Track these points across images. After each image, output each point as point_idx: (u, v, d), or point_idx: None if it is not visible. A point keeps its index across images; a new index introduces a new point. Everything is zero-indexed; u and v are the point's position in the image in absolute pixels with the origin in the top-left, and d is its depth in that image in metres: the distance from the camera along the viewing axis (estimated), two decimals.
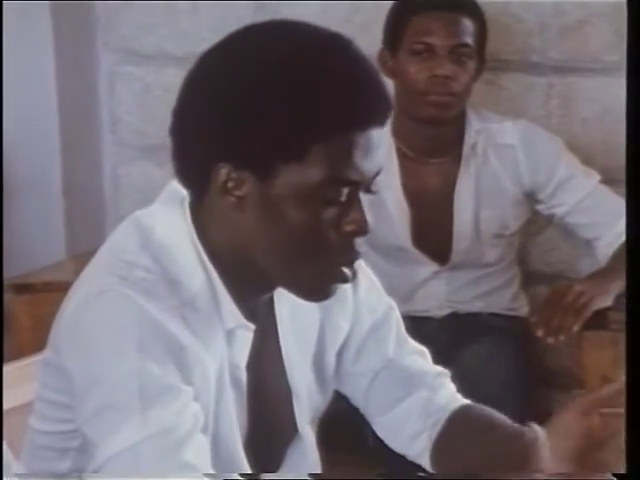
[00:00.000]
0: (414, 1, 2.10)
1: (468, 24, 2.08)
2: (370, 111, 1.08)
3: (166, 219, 1.13)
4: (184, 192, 1.15)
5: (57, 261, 2.46)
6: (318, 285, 1.12)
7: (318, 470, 1.22)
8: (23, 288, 2.18)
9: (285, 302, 1.19)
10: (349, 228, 1.09)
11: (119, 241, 1.14)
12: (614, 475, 1.15)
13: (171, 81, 2.55)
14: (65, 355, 1.10)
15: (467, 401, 1.28)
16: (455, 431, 1.24)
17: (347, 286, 1.20)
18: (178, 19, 2.51)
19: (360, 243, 1.12)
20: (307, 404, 1.21)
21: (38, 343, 1.41)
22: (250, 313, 1.15)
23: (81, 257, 2.46)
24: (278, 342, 1.19)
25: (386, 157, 2.10)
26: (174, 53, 2.53)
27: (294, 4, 2.43)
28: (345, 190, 1.08)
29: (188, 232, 1.12)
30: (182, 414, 1.06)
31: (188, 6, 2.50)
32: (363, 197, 1.10)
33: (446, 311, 2.17)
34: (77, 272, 2.74)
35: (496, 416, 1.23)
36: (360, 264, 1.23)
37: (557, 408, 2.26)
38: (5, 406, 1.24)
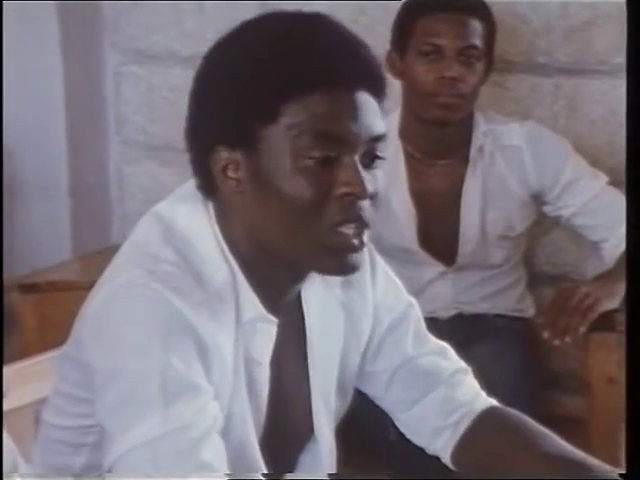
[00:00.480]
0: (423, 2, 2.10)
1: (477, 26, 2.07)
2: (346, 73, 1.08)
3: (187, 213, 1.14)
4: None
5: (63, 261, 2.46)
6: (331, 254, 1.10)
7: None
8: (28, 288, 2.18)
9: (313, 300, 1.19)
10: (343, 190, 1.08)
11: (142, 234, 1.15)
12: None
13: (177, 81, 2.56)
14: (88, 347, 1.10)
15: (494, 402, 1.27)
16: (482, 435, 1.23)
17: (367, 285, 1.21)
18: (184, 19, 2.52)
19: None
20: (326, 405, 1.21)
21: (44, 342, 1.42)
22: (273, 307, 1.14)
23: (87, 257, 2.47)
24: (303, 340, 1.19)
25: (393, 158, 2.09)
26: (180, 53, 2.54)
27: (299, 4, 2.43)
28: (329, 145, 1.08)
29: (211, 228, 1.13)
30: (202, 413, 1.06)
31: (194, 7, 2.51)
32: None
33: (452, 312, 2.17)
34: (83, 272, 2.75)
35: (530, 425, 1.22)
36: (378, 262, 1.24)
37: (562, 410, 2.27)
38: (12, 405, 1.24)
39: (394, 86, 1.93)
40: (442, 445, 1.26)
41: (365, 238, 1.11)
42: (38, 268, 2.31)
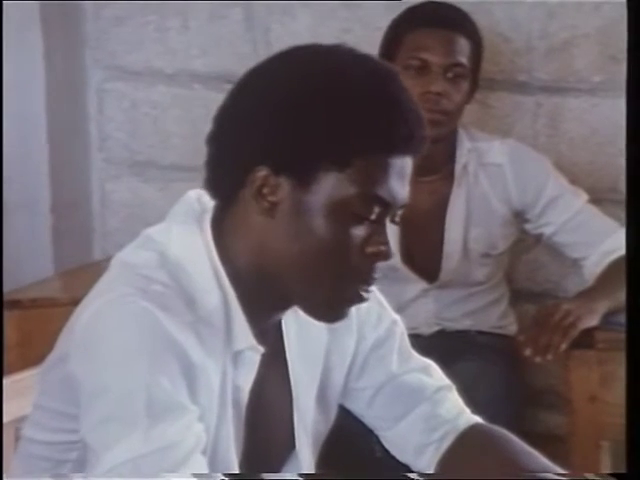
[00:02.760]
0: (413, 16, 2.11)
1: (465, 44, 2.08)
2: (410, 139, 1.11)
3: (181, 237, 1.14)
4: (199, 209, 1.15)
5: (45, 277, 2.45)
6: (334, 305, 1.13)
7: None
8: (10, 304, 2.17)
9: (293, 325, 1.19)
10: (373, 250, 1.11)
11: (135, 257, 1.13)
12: (614, 475, 1.16)
13: (160, 98, 2.56)
14: (75, 362, 1.10)
15: (478, 419, 1.28)
16: (466, 452, 1.24)
17: None
18: (168, 36, 2.52)
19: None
20: (309, 426, 1.21)
21: (25, 359, 1.41)
22: (260, 335, 1.15)
23: (69, 273, 2.46)
24: (285, 366, 1.20)
25: None
26: (164, 70, 2.54)
27: (285, 22, 2.45)
28: (376, 209, 1.10)
29: (205, 250, 1.13)
30: (186, 433, 1.06)
31: (178, 23, 2.51)
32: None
33: (434, 328, 2.17)
34: (64, 289, 2.73)
35: (514, 443, 1.23)
36: None
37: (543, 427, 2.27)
38: None
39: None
40: (426, 462, 1.26)
41: (370, 291, 1.14)
42: (19, 285, 2.30)
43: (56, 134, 2.52)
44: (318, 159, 1.09)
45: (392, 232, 2.41)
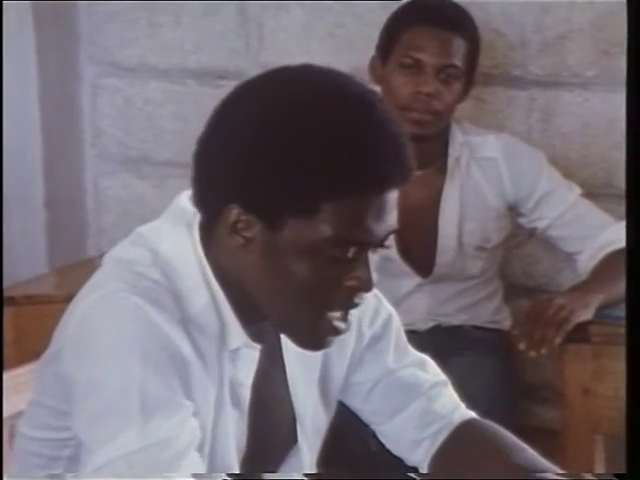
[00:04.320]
0: (411, 13, 2.09)
1: (461, 45, 2.07)
2: (389, 177, 1.07)
3: (172, 237, 1.13)
4: (191, 211, 1.14)
5: (39, 274, 2.45)
6: (312, 336, 1.12)
7: None
8: (5, 301, 2.16)
9: None
10: (351, 283, 1.09)
11: (127, 254, 1.13)
12: (614, 475, 1.16)
13: (154, 94, 2.56)
14: (68, 359, 1.09)
15: (473, 414, 1.28)
16: (459, 447, 1.24)
17: None
18: (161, 32, 2.52)
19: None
20: (310, 423, 1.22)
21: (20, 356, 1.41)
22: (256, 333, 1.15)
23: (63, 270, 2.46)
24: (283, 363, 1.20)
25: None
26: (157, 66, 2.54)
27: (278, 18, 2.44)
28: (352, 249, 1.07)
29: (194, 252, 1.12)
30: (180, 429, 1.06)
31: (171, 19, 2.51)
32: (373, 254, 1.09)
33: (430, 324, 2.17)
34: (59, 285, 2.73)
35: (507, 438, 1.23)
36: None
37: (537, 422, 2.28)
38: None
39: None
40: (420, 456, 1.26)
41: (350, 317, 1.12)
42: (14, 281, 2.30)
43: (50, 130, 2.52)
44: (284, 206, 1.06)
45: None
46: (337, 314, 1.11)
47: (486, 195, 2.16)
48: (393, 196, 1.08)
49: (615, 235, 2.06)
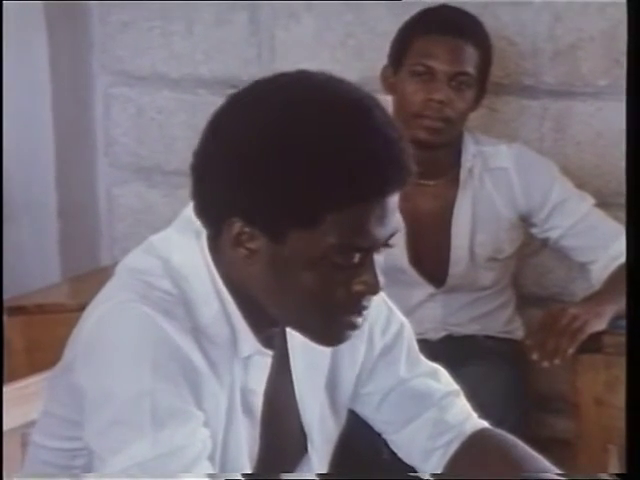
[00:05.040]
0: (424, 21, 2.10)
1: (472, 53, 2.07)
2: (389, 182, 1.07)
3: (181, 247, 1.13)
4: (199, 223, 1.14)
5: (51, 283, 2.45)
6: (328, 333, 1.12)
7: None
8: (16, 310, 2.17)
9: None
10: (358, 288, 1.09)
11: (139, 263, 1.14)
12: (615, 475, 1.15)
13: (166, 103, 2.56)
14: (79, 369, 1.10)
15: (485, 424, 1.28)
16: (472, 457, 1.24)
17: None
18: (173, 41, 2.52)
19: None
20: (319, 431, 1.21)
21: (32, 365, 1.41)
22: (266, 340, 1.15)
23: (75, 279, 2.46)
24: (290, 371, 1.20)
25: None
26: (169, 75, 2.54)
27: (289, 27, 2.45)
28: (356, 256, 1.08)
29: (204, 261, 1.12)
30: (191, 438, 1.06)
31: (183, 28, 2.51)
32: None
33: (442, 333, 2.17)
34: (71, 294, 2.73)
35: (520, 448, 1.23)
36: None
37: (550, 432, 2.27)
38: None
39: (386, 102, 1.92)
40: (432, 466, 1.26)
41: (365, 314, 1.12)
42: (26, 290, 2.30)
43: (63, 139, 2.53)
44: (286, 218, 1.05)
45: (399, 235, 2.41)
46: (347, 315, 1.11)
47: (498, 206, 2.16)
48: (394, 199, 1.08)
49: None
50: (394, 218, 1.09)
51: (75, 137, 2.58)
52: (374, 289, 1.09)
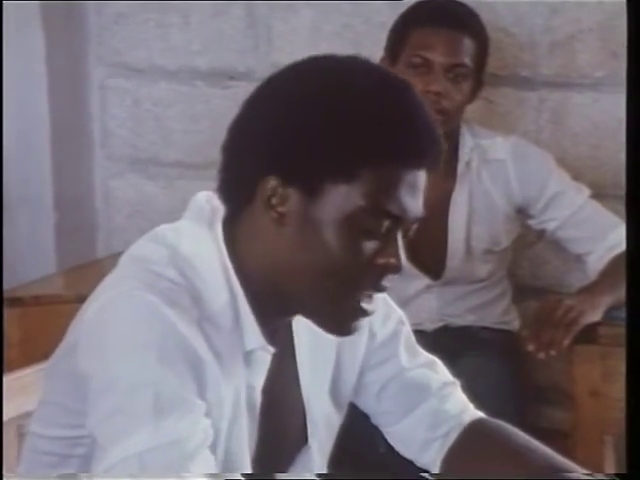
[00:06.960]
0: (419, 14, 2.10)
1: (469, 44, 2.07)
2: (423, 153, 1.10)
3: (192, 236, 1.13)
4: (209, 210, 1.15)
5: (47, 275, 2.45)
6: (340, 318, 1.12)
7: None
8: (13, 302, 2.17)
9: (304, 324, 1.19)
10: (382, 261, 1.10)
11: (145, 252, 1.13)
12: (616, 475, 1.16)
13: (162, 95, 2.56)
14: (82, 355, 1.09)
15: (482, 414, 1.28)
16: (470, 446, 1.24)
17: None
18: (170, 33, 2.52)
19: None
20: (323, 425, 1.22)
21: (27, 357, 1.41)
22: (270, 335, 1.15)
23: (72, 271, 2.46)
24: (295, 366, 1.20)
25: None
26: (166, 67, 2.54)
27: (286, 19, 2.44)
28: (386, 223, 1.09)
29: (217, 251, 1.12)
30: (194, 428, 1.06)
31: (179, 20, 2.51)
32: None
33: (438, 324, 2.17)
34: (67, 286, 2.73)
35: (518, 437, 1.23)
36: None
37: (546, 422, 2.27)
38: None
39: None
40: (431, 458, 1.26)
41: (376, 298, 1.13)
42: (22, 282, 2.30)
43: (59, 131, 2.53)
44: (325, 170, 1.08)
45: None
46: (365, 292, 1.11)
47: (494, 198, 2.16)
48: (424, 179, 1.11)
49: (624, 236, 2.05)
50: (421, 200, 1.12)
51: (71, 129, 2.58)
52: (396, 266, 1.11)
